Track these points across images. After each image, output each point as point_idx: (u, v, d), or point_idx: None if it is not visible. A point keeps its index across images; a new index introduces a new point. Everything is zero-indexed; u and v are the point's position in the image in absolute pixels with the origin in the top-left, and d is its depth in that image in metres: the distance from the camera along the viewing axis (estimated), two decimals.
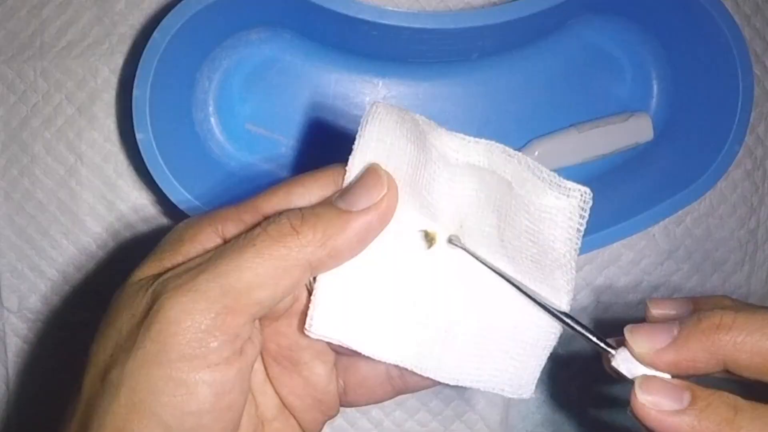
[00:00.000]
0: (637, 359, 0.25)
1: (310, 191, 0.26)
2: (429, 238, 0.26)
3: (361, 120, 0.26)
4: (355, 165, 0.26)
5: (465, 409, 0.45)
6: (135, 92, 0.36)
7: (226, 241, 0.25)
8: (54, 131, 0.42)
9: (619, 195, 0.42)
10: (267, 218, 0.25)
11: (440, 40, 0.39)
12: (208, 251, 0.25)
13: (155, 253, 0.26)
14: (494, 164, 0.26)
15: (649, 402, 0.24)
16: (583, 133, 0.43)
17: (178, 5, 0.36)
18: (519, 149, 0.43)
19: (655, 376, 0.25)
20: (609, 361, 0.27)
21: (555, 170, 0.43)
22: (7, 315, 0.43)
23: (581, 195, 0.26)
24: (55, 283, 0.43)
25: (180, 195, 0.37)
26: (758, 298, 0.46)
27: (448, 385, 0.44)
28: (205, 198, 0.38)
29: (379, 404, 0.45)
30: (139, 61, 0.36)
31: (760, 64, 0.45)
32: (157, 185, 0.37)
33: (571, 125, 0.43)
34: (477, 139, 0.26)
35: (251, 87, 0.42)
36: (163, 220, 0.43)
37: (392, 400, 0.44)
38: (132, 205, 0.43)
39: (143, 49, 0.36)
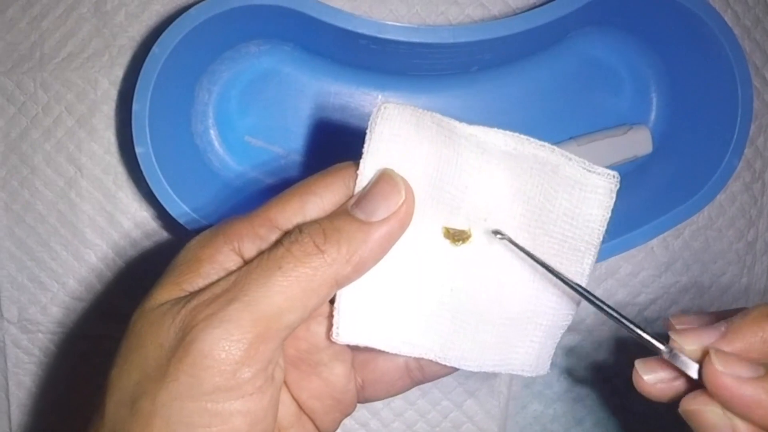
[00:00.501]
0: (689, 357, 0.25)
1: (323, 198, 0.25)
2: (450, 234, 0.26)
3: (370, 120, 0.25)
4: (367, 168, 0.25)
5: (462, 421, 0.45)
6: (134, 106, 0.36)
7: (245, 260, 0.25)
8: (54, 143, 0.42)
9: (617, 208, 0.42)
10: (286, 233, 0.25)
11: (439, 54, 0.39)
12: (229, 272, 0.25)
13: (172, 273, 0.25)
14: (527, 151, 0.26)
15: (727, 369, 0.24)
16: (582, 146, 0.43)
17: (178, 19, 0.36)
18: None
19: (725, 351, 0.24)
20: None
21: None
22: (7, 326, 0.44)
23: (613, 177, 0.27)
24: (54, 295, 0.43)
25: (179, 209, 0.37)
26: None
27: (446, 394, 0.45)
28: (205, 210, 0.38)
29: (376, 415, 0.45)
30: (138, 73, 0.36)
31: (759, 76, 0.45)
32: (157, 198, 0.37)
33: (570, 138, 0.43)
34: (502, 130, 0.26)
35: (250, 99, 0.42)
36: (164, 233, 0.43)
37: (389, 410, 0.45)
38: (132, 217, 0.43)
39: (143, 61, 0.36)
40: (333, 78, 0.42)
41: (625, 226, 0.40)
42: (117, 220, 0.43)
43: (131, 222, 0.43)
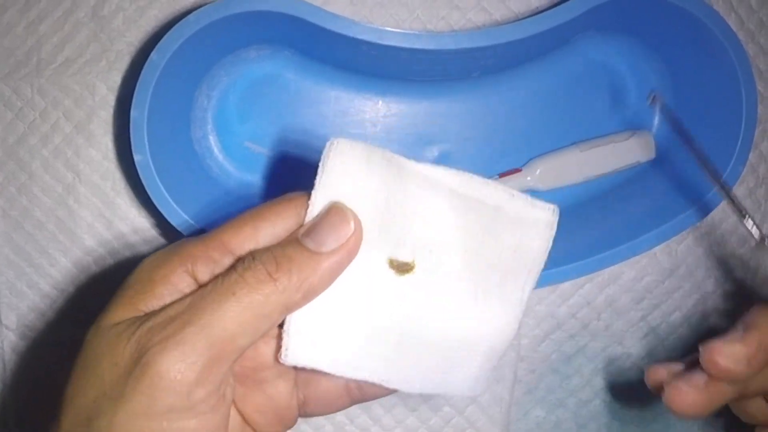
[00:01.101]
0: None
1: (275, 225, 0.27)
2: (394, 265, 0.28)
3: (322, 154, 0.27)
4: (318, 199, 0.26)
5: (464, 427, 0.45)
6: (132, 113, 0.36)
7: (198, 281, 0.26)
8: (52, 149, 0.42)
9: (621, 215, 0.42)
10: (239, 259, 0.26)
11: (441, 59, 0.38)
12: (183, 293, 0.26)
13: (124, 294, 0.26)
14: (470, 190, 0.28)
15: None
16: (585, 152, 0.42)
17: (176, 26, 0.36)
18: (520, 168, 0.43)
19: None
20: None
21: (556, 189, 0.43)
22: (6, 332, 0.43)
23: (553, 211, 0.28)
24: (53, 301, 0.43)
25: (178, 217, 0.37)
26: None
27: (447, 400, 0.44)
28: (204, 217, 0.38)
29: (378, 422, 0.45)
30: (136, 78, 0.36)
31: (763, 81, 0.44)
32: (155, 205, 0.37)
33: (572, 143, 0.43)
34: (449, 168, 0.28)
35: (250, 105, 0.42)
36: (162, 239, 0.43)
37: (391, 417, 0.45)
38: (130, 223, 0.42)
39: (141, 66, 0.36)
40: (333, 83, 0.42)
41: (628, 233, 0.40)
42: (116, 227, 0.42)
43: (130, 228, 0.43)
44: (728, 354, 0.28)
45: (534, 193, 0.43)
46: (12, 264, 0.43)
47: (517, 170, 0.43)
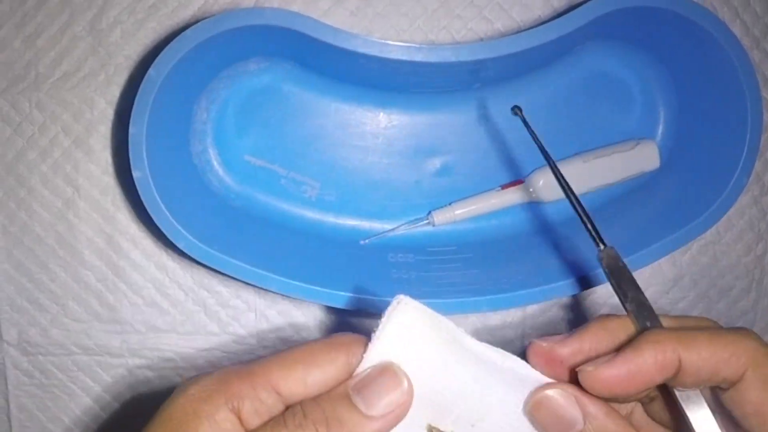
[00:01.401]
0: None
1: (325, 372, 0.27)
2: (433, 431, 0.28)
3: (386, 310, 0.26)
4: (374, 353, 0.27)
5: None
6: (131, 130, 0.36)
7: (242, 420, 0.26)
8: (51, 164, 0.41)
9: (625, 226, 0.41)
10: (289, 407, 0.26)
11: (442, 71, 0.38)
12: None
13: (166, 425, 0.26)
14: (525, 380, 0.28)
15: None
16: (588, 162, 0.42)
17: (173, 41, 0.35)
18: (523, 179, 0.43)
19: None
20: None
21: (559, 200, 0.43)
22: (7, 348, 0.43)
23: None
24: (54, 316, 0.43)
25: (178, 233, 0.37)
26: (764, 324, 0.46)
27: None
28: (204, 233, 0.38)
29: None
30: (135, 91, 0.36)
31: None
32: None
33: (575, 154, 0.42)
34: (508, 355, 0.28)
35: (250, 118, 0.41)
36: (163, 254, 0.43)
37: None
38: (131, 238, 0.42)
39: (140, 79, 0.36)
40: (333, 95, 0.41)
41: (632, 244, 0.40)
42: (116, 241, 0.42)
43: (130, 243, 0.42)
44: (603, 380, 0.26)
45: (537, 204, 0.43)
46: (12, 279, 0.42)
47: (519, 182, 0.42)
